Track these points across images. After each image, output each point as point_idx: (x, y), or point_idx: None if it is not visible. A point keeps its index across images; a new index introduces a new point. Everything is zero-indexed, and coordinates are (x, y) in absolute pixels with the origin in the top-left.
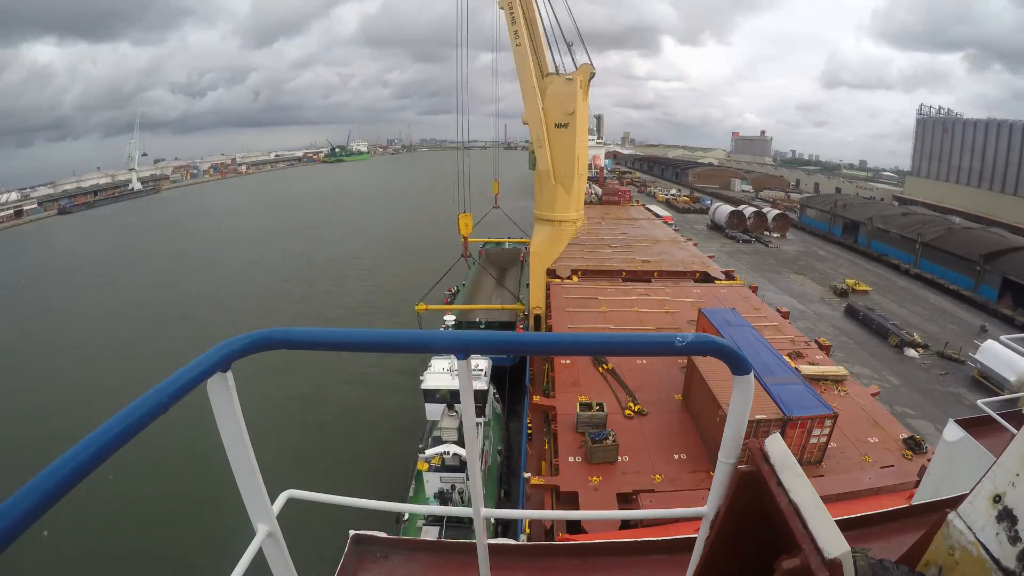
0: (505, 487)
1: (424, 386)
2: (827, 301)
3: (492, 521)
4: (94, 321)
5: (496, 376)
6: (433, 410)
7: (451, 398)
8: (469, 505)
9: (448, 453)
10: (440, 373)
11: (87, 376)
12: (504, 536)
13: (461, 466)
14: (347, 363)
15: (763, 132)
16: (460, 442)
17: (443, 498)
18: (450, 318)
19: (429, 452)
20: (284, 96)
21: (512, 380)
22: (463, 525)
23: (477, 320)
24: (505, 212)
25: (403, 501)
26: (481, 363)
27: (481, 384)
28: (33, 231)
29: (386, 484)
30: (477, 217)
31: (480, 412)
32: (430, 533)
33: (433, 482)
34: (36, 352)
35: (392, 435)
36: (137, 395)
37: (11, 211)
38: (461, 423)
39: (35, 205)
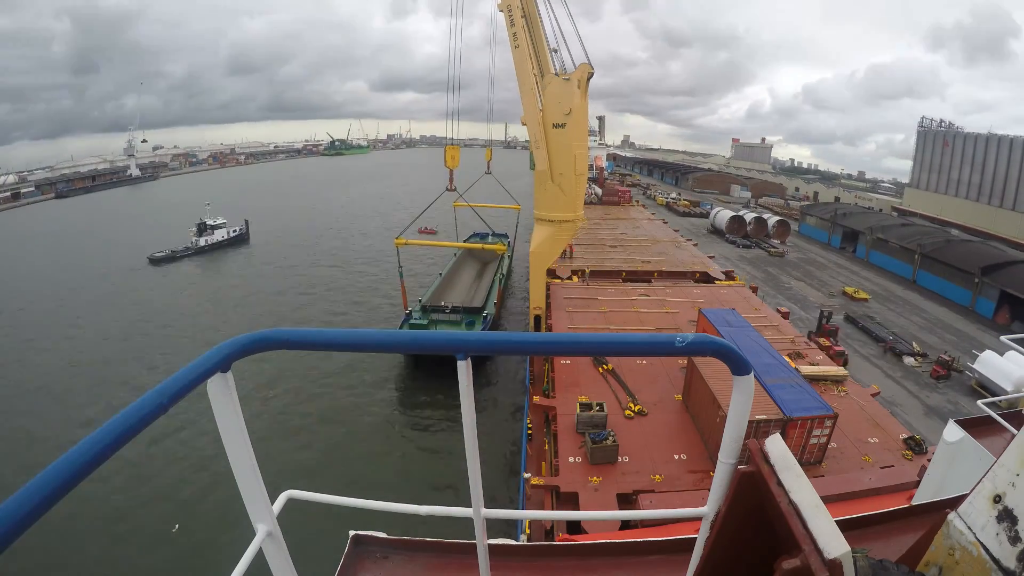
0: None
1: None
2: (827, 307)
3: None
4: None
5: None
6: None
7: None
8: None
9: None
10: None
11: None
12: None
13: None
14: (344, 361)
15: (763, 139)
16: None
17: None
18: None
19: None
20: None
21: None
22: None
23: (443, 304)
24: (496, 178)
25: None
26: None
27: None
28: None
29: (383, 483)
30: (467, 185)
31: None
32: None
33: None
34: None
35: (391, 432)
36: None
37: (8, 194)
38: None
39: (32, 188)
